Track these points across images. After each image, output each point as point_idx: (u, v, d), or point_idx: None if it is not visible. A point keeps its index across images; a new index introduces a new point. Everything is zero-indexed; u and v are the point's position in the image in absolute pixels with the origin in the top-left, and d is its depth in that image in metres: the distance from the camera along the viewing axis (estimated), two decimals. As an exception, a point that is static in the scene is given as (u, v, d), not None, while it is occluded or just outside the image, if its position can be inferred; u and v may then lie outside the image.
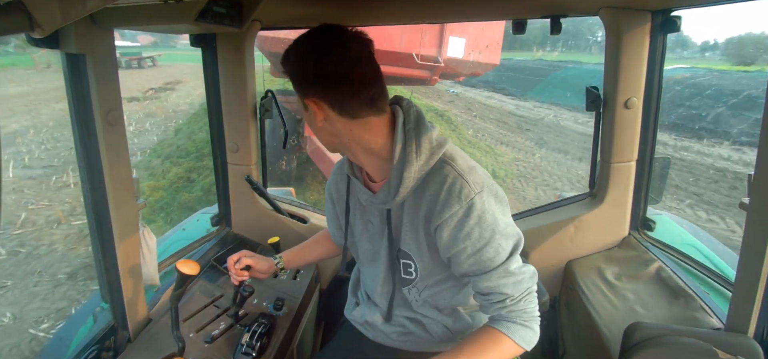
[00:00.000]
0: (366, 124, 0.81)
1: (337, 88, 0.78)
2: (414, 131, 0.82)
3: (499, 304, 0.83)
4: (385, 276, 0.96)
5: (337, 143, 0.86)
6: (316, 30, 0.78)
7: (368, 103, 0.79)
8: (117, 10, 0.89)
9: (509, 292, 0.82)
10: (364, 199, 0.93)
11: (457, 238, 0.80)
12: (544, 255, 1.55)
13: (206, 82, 1.48)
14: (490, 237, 0.79)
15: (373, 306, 1.05)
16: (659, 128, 1.43)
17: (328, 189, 1.09)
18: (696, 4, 1.24)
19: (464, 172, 0.81)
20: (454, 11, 1.33)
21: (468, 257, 0.81)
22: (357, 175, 0.93)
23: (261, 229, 1.59)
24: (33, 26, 0.66)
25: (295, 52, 0.79)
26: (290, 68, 0.81)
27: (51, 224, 4.93)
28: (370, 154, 0.85)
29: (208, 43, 1.40)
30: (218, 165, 1.58)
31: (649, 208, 1.52)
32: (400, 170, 0.81)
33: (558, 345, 1.62)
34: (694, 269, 1.32)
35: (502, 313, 0.83)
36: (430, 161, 0.82)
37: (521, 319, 0.82)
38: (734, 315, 0.93)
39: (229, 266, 1.12)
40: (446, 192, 0.79)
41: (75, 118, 0.91)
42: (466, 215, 0.78)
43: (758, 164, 0.83)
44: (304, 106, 0.82)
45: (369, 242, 0.98)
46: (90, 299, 1.35)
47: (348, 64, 0.76)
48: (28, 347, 2.95)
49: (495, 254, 0.80)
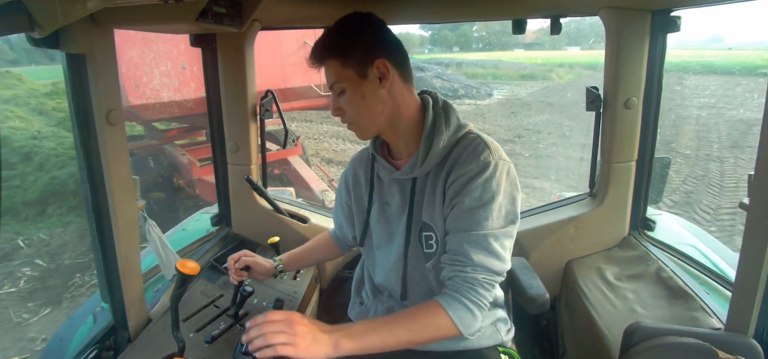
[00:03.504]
0: (410, 92, 0.92)
1: (399, 51, 0.89)
2: (443, 109, 0.92)
3: (458, 267, 0.83)
4: (399, 255, 0.97)
5: (384, 116, 0.90)
6: (351, 14, 0.88)
7: (412, 72, 0.92)
8: (117, 10, 0.89)
9: (476, 261, 0.82)
10: (385, 176, 0.98)
11: (460, 191, 0.84)
12: (544, 255, 1.55)
13: (206, 82, 1.48)
14: (488, 202, 0.82)
15: (379, 303, 1.05)
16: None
17: (343, 178, 1.11)
18: (696, 4, 1.24)
19: (488, 141, 0.88)
20: (454, 12, 1.34)
21: (461, 212, 0.84)
22: (380, 153, 1.00)
23: (261, 229, 1.59)
24: (33, 26, 0.66)
25: (349, 28, 0.87)
26: (348, 42, 0.86)
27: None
28: (406, 125, 0.92)
29: (208, 43, 1.40)
30: (218, 165, 1.58)
31: (649, 208, 1.52)
32: (430, 139, 0.89)
33: (558, 345, 1.62)
34: (694, 269, 1.32)
35: (456, 280, 0.83)
36: (457, 134, 0.90)
37: (468, 298, 0.81)
38: (734, 315, 0.93)
39: (229, 266, 1.13)
40: (468, 153, 0.86)
41: (75, 118, 0.91)
42: (477, 174, 0.83)
43: (758, 164, 0.83)
44: (360, 74, 0.86)
45: (385, 223, 1.01)
46: (90, 299, 1.35)
47: (390, 34, 0.89)
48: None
49: (484, 219, 0.82)
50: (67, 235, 4.85)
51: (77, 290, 3.91)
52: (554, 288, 1.60)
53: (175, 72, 4.58)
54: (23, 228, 5.00)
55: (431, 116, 0.91)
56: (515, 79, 21.04)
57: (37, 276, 4.09)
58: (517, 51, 43.12)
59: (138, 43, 4.24)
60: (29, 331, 3.32)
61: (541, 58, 32.46)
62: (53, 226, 5.02)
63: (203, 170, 4.77)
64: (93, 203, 0.97)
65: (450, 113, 0.92)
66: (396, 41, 0.89)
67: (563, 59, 29.50)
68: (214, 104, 1.49)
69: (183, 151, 5.30)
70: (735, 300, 0.93)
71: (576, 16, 1.39)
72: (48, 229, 4.95)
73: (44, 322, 3.43)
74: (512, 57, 32.75)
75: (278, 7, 1.24)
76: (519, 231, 0.89)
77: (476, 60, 27.33)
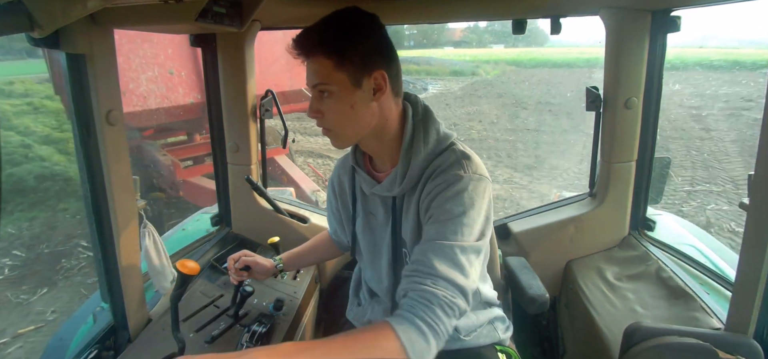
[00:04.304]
0: (397, 105, 0.86)
1: (396, 62, 0.82)
2: (422, 122, 0.86)
3: (417, 278, 0.72)
4: (387, 269, 0.96)
5: (369, 129, 0.83)
6: (352, 9, 0.79)
7: (401, 81, 0.85)
8: (117, 10, 0.89)
9: (439, 270, 0.71)
10: (367, 189, 0.94)
11: (431, 204, 0.80)
12: (544, 255, 1.55)
13: (206, 82, 1.48)
14: (459, 215, 0.76)
15: (376, 304, 1.05)
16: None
17: (330, 184, 1.09)
18: (696, 4, 1.24)
19: (466, 156, 0.83)
20: (454, 12, 1.33)
21: (431, 225, 0.78)
22: (361, 165, 0.95)
23: (261, 229, 1.59)
24: (33, 26, 0.66)
25: (350, 27, 0.77)
26: (347, 42, 0.76)
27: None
28: (385, 139, 0.87)
29: (208, 43, 1.40)
30: (218, 165, 1.58)
31: (649, 208, 1.52)
32: (408, 157, 0.84)
33: (558, 345, 1.62)
34: (694, 269, 1.32)
35: (411, 297, 0.71)
36: (437, 148, 0.85)
37: (423, 319, 0.68)
38: (734, 315, 0.93)
39: (229, 266, 1.13)
40: (445, 167, 0.82)
41: (75, 118, 0.91)
42: (450, 186, 0.78)
43: (758, 164, 0.83)
44: (354, 83, 0.78)
45: (371, 234, 0.99)
46: (90, 299, 1.35)
47: (390, 43, 0.81)
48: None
49: (452, 232, 0.75)
50: (37, 228, 4.91)
51: (69, 272, 4.04)
52: (554, 288, 1.60)
53: (162, 78, 4.40)
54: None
55: (410, 130, 0.85)
56: (447, 75, 22.37)
57: (19, 265, 4.20)
58: (448, 48, 45.26)
59: (123, 48, 4.07)
60: (34, 307, 3.50)
61: (469, 55, 35.48)
62: (18, 221, 5.05)
63: (188, 171, 4.65)
64: (93, 203, 0.97)
65: (429, 126, 0.85)
66: (395, 51, 0.82)
67: (489, 56, 31.85)
68: (214, 104, 1.49)
69: (164, 151, 5.12)
70: (735, 300, 0.93)
71: (576, 16, 1.39)
72: (14, 224, 4.98)
73: (46, 299, 3.60)
74: (443, 54, 35.04)
75: (278, 7, 1.23)
76: (519, 231, 0.89)
77: (411, 57, 28.19)
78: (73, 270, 4.08)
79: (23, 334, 3.18)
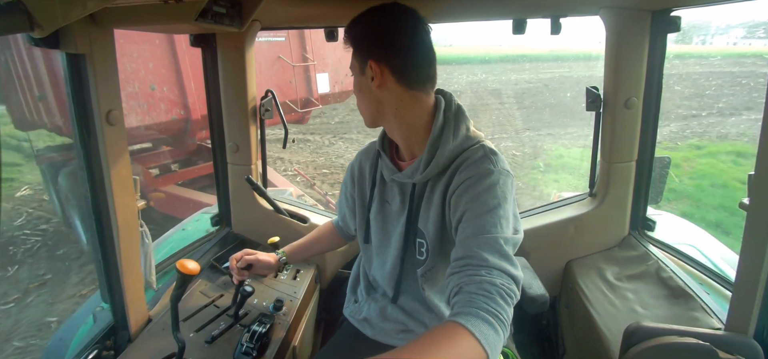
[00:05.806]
0: (416, 98, 0.87)
1: (403, 56, 0.84)
2: (454, 117, 0.89)
3: (471, 270, 0.71)
4: (395, 258, 0.97)
5: (379, 113, 0.89)
6: (391, 4, 0.85)
7: (424, 79, 0.87)
8: (117, 10, 0.89)
9: (491, 262, 0.71)
10: (388, 176, 0.96)
11: (464, 199, 0.81)
12: (544, 255, 1.55)
13: (206, 82, 1.48)
14: (495, 207, 0.78)
15: (373, 300, 1.05)
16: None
17: (350, 169, 1.11)
18: (696, 4, 1.24)
19: (494, 152, 0.85)
20: (454, 11, 1.33)
21: (469, 220, 0.78)
22: (386, 151, 0.98)
23: (261, 229, 1.59)
24: (33, 26, 0.66)
25: (369, 18, 0.85)
26: (358, 31, 0.86)
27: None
28: (410, 129, 0.89)
29: (208, 43, 1.40)
30: (218, 165, 1.58)
31: (649, 208, 1.52)
32: (434, 147, 0.87)
33: (558, 345, 1.62)
34: (694, 269, 1.32)
35: (469, 288, 0.69)
36: (465, 144, 0.87)
37: (487, 310, 0.65)
38: (734, 315, 0.93)
39: (231, 265, 1.13)
40: (472, 162, 0.84)
41: (75, 118, 0.91)
42: (481, 180, 0.80)
43: (758, 164, 0.83)
44: (360, 69, 0.86)
45: (383, 221, 1.00)
46: (90, 299, 1.35)
47: (418, 39, 0.84)
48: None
49: (493, 225, 0.76)
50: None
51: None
52: (554, 288, 1.60)
53: (142, 94, 4.08)
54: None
55: (440, 122, 0.87)
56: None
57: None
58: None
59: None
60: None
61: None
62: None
63: (164, 179, 4.40)
64: (93, 203, 0.97)
65: (460, 121, 0.88)
66: (406, 44, 0.83)
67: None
68: (214, 104, 1.49)
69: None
70: (735, 300, 0.93)
71: (576, 16, 1.39)
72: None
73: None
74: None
75: (278, 7, 1.23)
76: None
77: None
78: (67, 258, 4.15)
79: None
